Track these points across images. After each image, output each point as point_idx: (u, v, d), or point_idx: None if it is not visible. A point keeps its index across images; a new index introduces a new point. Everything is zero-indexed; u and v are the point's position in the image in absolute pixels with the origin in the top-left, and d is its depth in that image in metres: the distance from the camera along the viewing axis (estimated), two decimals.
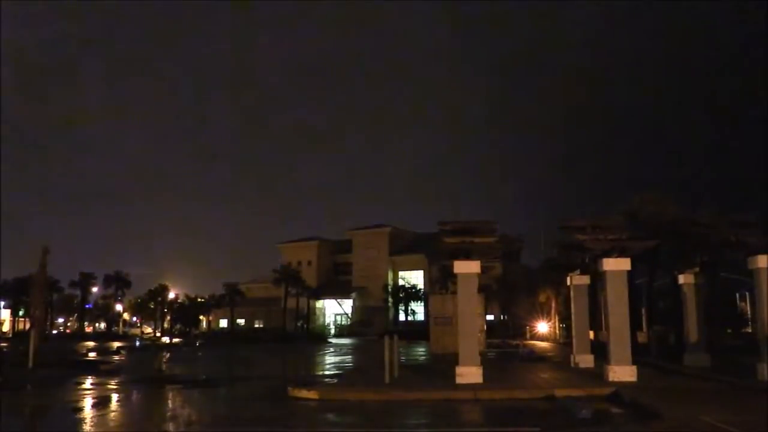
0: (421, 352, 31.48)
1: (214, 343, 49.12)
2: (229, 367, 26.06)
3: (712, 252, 20.19)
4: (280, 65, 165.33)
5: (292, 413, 12.53)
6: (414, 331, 47.15)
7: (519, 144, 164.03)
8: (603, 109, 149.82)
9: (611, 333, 15.78)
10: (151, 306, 73.69)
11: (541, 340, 44.11)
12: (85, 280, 67.73)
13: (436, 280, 51.64)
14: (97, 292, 74.16)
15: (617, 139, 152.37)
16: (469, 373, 14.93)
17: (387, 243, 73.81)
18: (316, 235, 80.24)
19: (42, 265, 24.91)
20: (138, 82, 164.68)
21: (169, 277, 76.00)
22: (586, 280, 20.50)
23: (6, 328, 73.86)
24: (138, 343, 49.29)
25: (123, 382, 18.46)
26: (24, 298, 59.89)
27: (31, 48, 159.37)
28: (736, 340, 30.06)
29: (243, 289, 66.93)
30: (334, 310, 74.49)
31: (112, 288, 69.55)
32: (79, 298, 71.75)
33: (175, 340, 57.10)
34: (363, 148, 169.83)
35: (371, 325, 63.37)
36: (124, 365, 25.29)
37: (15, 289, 62.40)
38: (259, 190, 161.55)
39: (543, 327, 47.12)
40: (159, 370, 23.05)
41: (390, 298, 65.22)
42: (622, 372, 15.18)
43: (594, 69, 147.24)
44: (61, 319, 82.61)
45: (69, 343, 45.12)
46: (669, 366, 19.35)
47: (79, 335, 65.77)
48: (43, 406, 14.31)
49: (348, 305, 73.40)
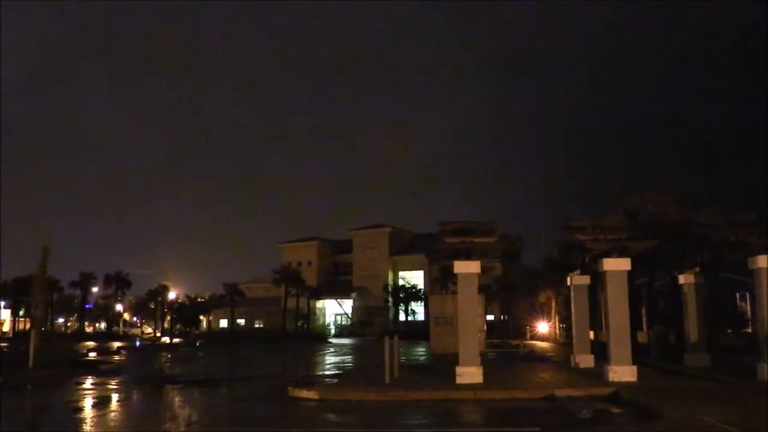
0: (421, 352, 31.49)
1: (214, 343, 49.16)
2: (230, 367, 26.09)
3: (712, 252, 20.19)
4: (280, 65, 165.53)
5: (292, 413, 12.52)
6: (414, 331, 47.19)
7: (519, 144, 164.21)
8: (603, 109, 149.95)
9: (611, 333, 15.77)
10: (151, 306, 73.69)
11: (542, 340, 44.08)
12: (85, 280, 67.69)
13: (436, 280, 51.68)
14: (97, 292, 74.23)
15: (617, 139, 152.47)
16: (469, 373, 14.92)
17: (387, 243, 73.84)
18: (316, 235, 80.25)
19: (42, 265, 24.87)
20: (138, 81, 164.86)
21: (170, 277, 75.77)
22: (586, 280, 20.49)
23: (6, 328, 73.89)
24: (138, 343, 49.32)
25: (123, 382, 18.46)
26: (24, 298, 59.83)
27: (31, 48, 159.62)
28: (736, 340, 30.00)
29: (243, 289, 66.91)
30: (334, 310, 74.49)
31: (112, 288, 69.54)
32: (79, 298, 71.70)
33: (176, 340, 57.16)
34: (363, 148, 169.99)
35: (371, 325, 63.39)
36: (124, 365, 25.28)
37: (15, 289, 62.31)
38: (259, 190, 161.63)
39: (543, 327, 47.11)
40: (159, 370, 23.06)
41: (390, 298, 65.21)
42: (622, 372, 15.16)
43: (595, 69, 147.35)
44: (61, 319, 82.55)
45: (69, 343, 45.09)
46: (669, 366, 19.33)
47: (80, 335, 65.78)
48: (43, 406, 14.30)
49: (348, 305, 73.41)
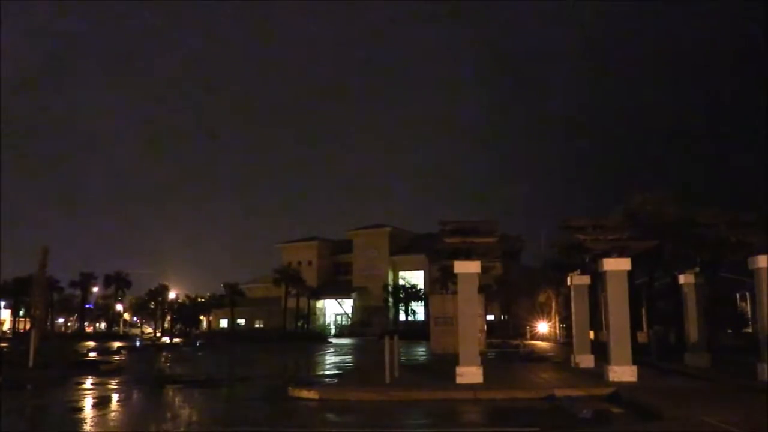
0: (421, 352, 31.48)
1: (214, 343, 49.11)
2: (230, 367, 26.08)
3: (713, 252, 20.18)
4: (280, 65, 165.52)
5: (292, 413, 12.53)
6: (414, 331, 47.16)
7: (519, 144, 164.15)
8: (603, 109, 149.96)
9: (611, 333, 15.77)
10: (152, 306, 73.67)
11: (542, 340, 44.09)
12: (85, 280, 67.70)
13: (437, 280, 51.67)
14: (98, 292, 74.26)
15: (617, 139, 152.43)
16: (470, 373, 14.92)
17: (387, 243, 73.84)
18: (316, 235, 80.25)
19: (42, 265, 24.87)
20: (138, 81, 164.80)
21: (170, 277, 75.97)
22: (586, 280, 20.48)
23: (6, 328, 73.88)
24: (138, 343, 49.25)
25: (123, 382, 18.45)
26: (24, 298, 59.87)
27: (31, 48, 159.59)
28: (736, 340, 30.05)
29: (243, 289, 66.94)
30: (334, 310, 74.50)
31: (113, 288, 69.55)
32: (79, 298, 71.65)
33: (176, 340, 57.09)
34: (363, 147, 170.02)
35: (371, 325, 63.37)
36: (124, 365, 25.26)
37: (15, 289, 62.29)
38: (259, 190, 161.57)
39: (543, 327, 47.14)
40: (159, 370, 23.05)
41: (390, 298, 65.20)
42: (623, 372, 15.16)
43: (595, 69, 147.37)
44: (61, 319, 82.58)
45: (69, 343, 45.05)
46: (669, 366, 19.33)
47: (80, 335, 65.77)
48: (43, 406, 14.30)
49: (348, 305, 73.42)
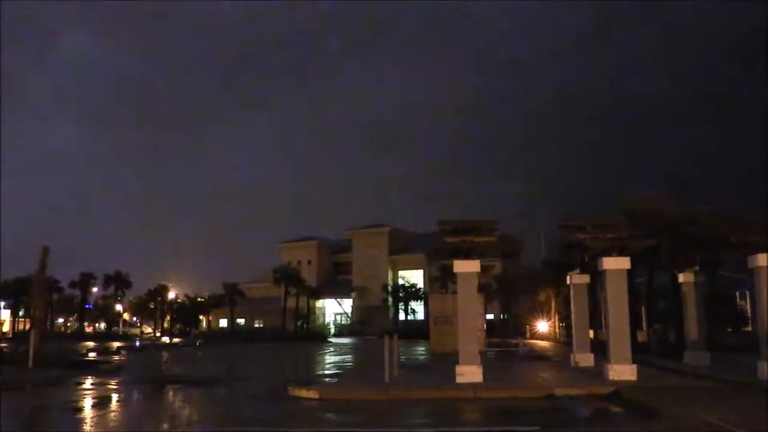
0: (421, 351, 31.50)
1: (214, 343, 49.13)
2: (229, 367, 26.06)
3: (712, 251, 20.19)
4: (281, 66, 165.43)
5: (292, 413, 12.52)
6: (414, 331, 47.23)
7: (519, 143, 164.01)
8: (603, 109, 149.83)
9: (611, 332, 15.78)
10: (151, 306, 73.67)
11: (541, 339, 44.14)
12: (85, 280, 67.67)
13: (436, 280, 51.67)
14: (97, 292, 74.16)
15: (617, 139, 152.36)
16: (469, 372, 14.92)
17: (387, 243, 73.87)
18: (316, 235, 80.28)
19: (42, 266, 24.78)
20: (137, 81, 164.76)
21: (169, 277, 75.88)
22: (585, 279, 20.50)
23: (6, 328, 73.85)
24: (138, 343, 49.24)
25: (123, 382, 18.44)
26: (24, 298, 59.83)
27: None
28: (736, 338, 30.06)
29: (243, 288, 66.92)
30: (334, 309, 74.52)
31: (112, 288, 69.49)
32: (79, 299, 71.63)
33: (175, 339, 57.12)
34: (363, 147, 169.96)
35: (371, 325, 63.39)
36: (124, 365, 25.26)
37: (15, 290, 62.31)
38: (259, 190, 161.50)
39: (543, 326, 47.20)
40: (159, 370, 23.05)
41: (390, 298, 65.24)
42: (622, 371, 15.17)
43: (595, 68, 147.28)
44: (61, 319, 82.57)
45: (69, 343, 45.05)
46: (669, 365, 19.36)
47: (80, 335, 65.75)
48: (43, 406, 14.29)
49: (348, 305, 73.45)
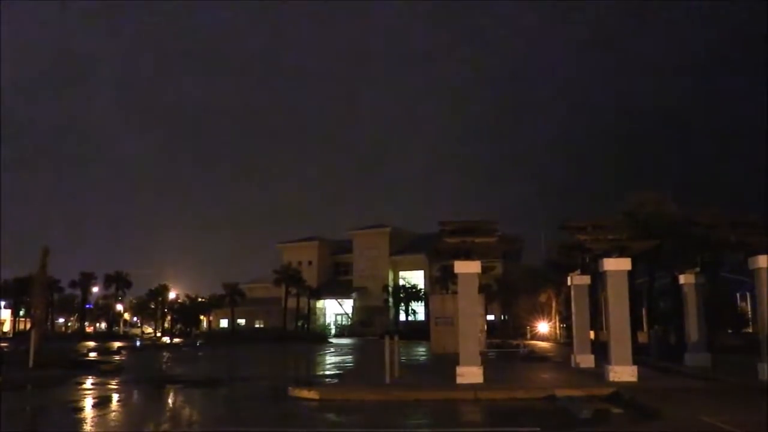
0: (421, 352, 31.49)
1: (214, 343, 49.13)
2: (230, 367, 26.07)
3: (713, 252, 20.18)
4: (280, 66, 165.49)
5: (292, 413, 12.52)
6: (414, 331, 47.20)
7: (520, 144, 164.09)
8: (603, 109, 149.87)
9: (612, 333, 15.76)
10: (152, 306, 73.72)
11: (542, 340, 44.10)
12: (85, 280, 67.66)
13: (437, 280, 51.66)
14: (98, 292, 74.25)
15: (618, 139, 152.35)
16: (470, 373, 14.91)
17: (387, 243, 73.89)
18: (316, 235, 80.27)
19: (42, 265, 24.76)
20: (138, 81, 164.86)
21: (170, 277, 76.08)
22: (586, 280, 20.47)
23: (6, 328, 73.87)
24: (138, 343, 49.27)
25: (123, 382, 18.45)
26: (24, 298, 59.87)
27: (32, 48, 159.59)
28: (736, 340, 30.02)
29: (243, 289, 66.94)
30: (334, 310, 74.52)
31: (113, 288, 69.47)
32: (79, 298, 71.65)
33: (176, 340, 57.14)
34: (363, 147, 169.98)
35: (372, 325, 63.41)
36: (124, 365, 25.26)
37: (15, 289, 62.30)
38: (259, 190, 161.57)
39: (543, 327, 47.14)
40: (159, 370, 23.05)
41: (390, 298, 65.22)
42: (623, 372, 15.15)
43: (596, 69, 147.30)
44: (61, 319, 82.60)
45: (69, 343, 45.08)
46: (670, 366, 19.33)
47: (80, 335, 65.77)
48: (43, 406, 14.29)
49: (348, 305, 73.44)
